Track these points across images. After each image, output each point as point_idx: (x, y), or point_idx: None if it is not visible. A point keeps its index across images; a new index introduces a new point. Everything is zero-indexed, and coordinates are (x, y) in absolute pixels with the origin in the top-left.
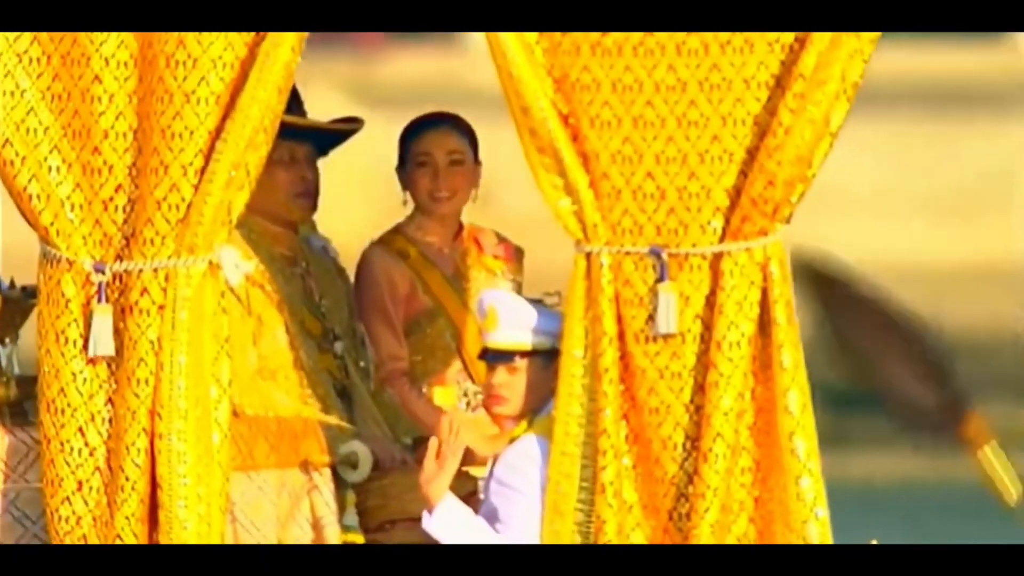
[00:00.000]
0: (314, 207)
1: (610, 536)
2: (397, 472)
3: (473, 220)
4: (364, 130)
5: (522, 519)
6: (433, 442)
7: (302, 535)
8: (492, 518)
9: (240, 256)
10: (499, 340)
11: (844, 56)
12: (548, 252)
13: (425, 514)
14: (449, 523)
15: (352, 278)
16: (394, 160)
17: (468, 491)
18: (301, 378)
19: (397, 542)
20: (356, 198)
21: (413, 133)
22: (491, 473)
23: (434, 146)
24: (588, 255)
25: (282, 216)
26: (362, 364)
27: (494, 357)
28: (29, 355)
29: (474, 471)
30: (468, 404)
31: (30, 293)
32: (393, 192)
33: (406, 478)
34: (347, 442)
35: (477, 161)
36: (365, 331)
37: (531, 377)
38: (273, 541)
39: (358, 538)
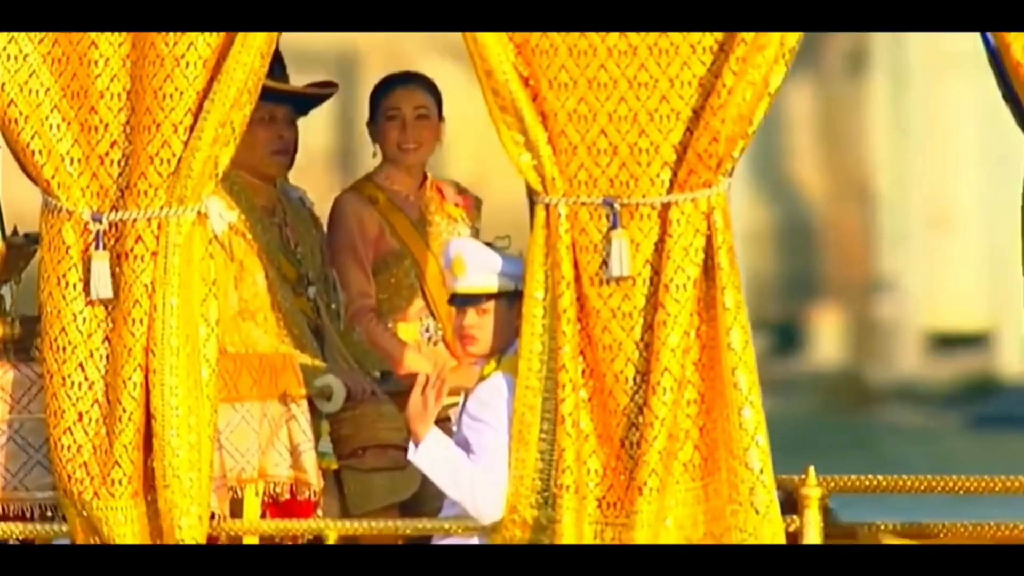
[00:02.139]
0: (290, 163)
1: (568, 462)
2: (367, 403)
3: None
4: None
5: (492, 449)
6: (420, 379)
7: (281, 461)
8: (465, 449)
9: (224, 207)
10: (467, 285)
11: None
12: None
13: (411, 446)
14: (433, 456)
15: (325, 224)
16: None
17: (438, 419)
18: (278, 319)
19: (368, 467)
20: None
21: (383, 90)
22: (463, 408)
23: (402, 101)
24: (547, 206)
25: (261, 171)
26: (333, 306)
27: (463, 301)
28: (29, 296)
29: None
30: (430, 339)
31: (32, 239)
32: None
33: (375, 408)
34: (321, 376)
35: (441, 117)
36: (336, 271)
37: (498, 317)
38: (255, 466)
39: (332, 463)
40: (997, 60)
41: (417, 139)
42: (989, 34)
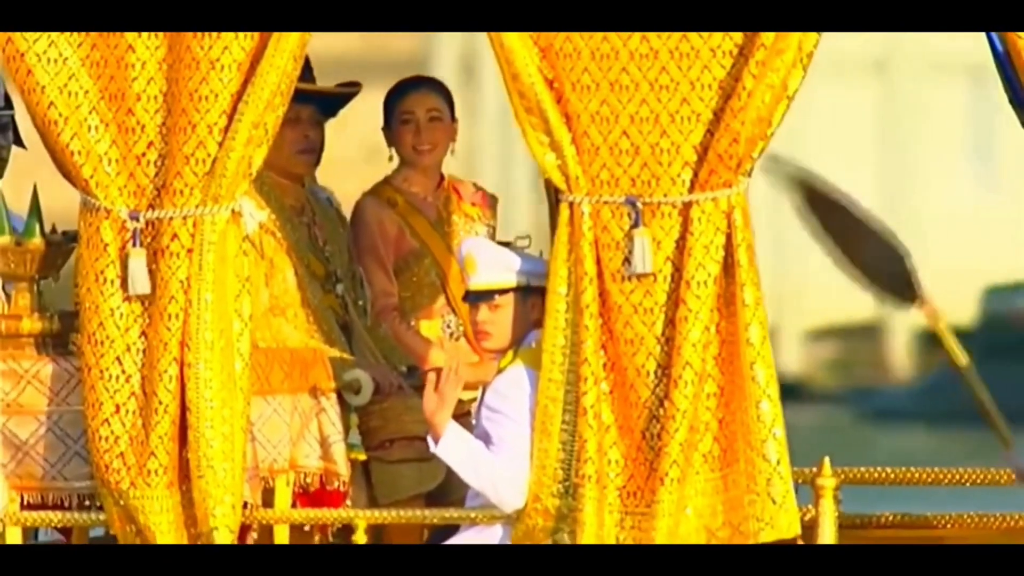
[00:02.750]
0: (316, 163)
1: (590, 453)
2: (395, 396)
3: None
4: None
5: (512, 440)
6: (431, 376)
7: (311, 452)
8: (485, 441)
9: (254, 206)
10: (478, 282)
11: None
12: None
13: (431, 441)
14: (453, 449)
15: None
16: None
17: (459, 413)
18: (308, 315)
19: (395, 458)
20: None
21: (396, 95)
22: (482, 400)
23: (416, 105)
24: (571, 204)
25: (287, 170)
26: (360, 303)
27: (476, 298)
28: (65, 293)
29: (463, 395)
30: (452, 335)
31: (70, 238)
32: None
33: (402, 402)
34: (350, 370)
35: (453, 119)
36: (362, 272)
37: (510, 313)
38: (287, 457)
39: (360, 455)
40: (1005, 65)
41: (431, 141)
42: (997, 39)
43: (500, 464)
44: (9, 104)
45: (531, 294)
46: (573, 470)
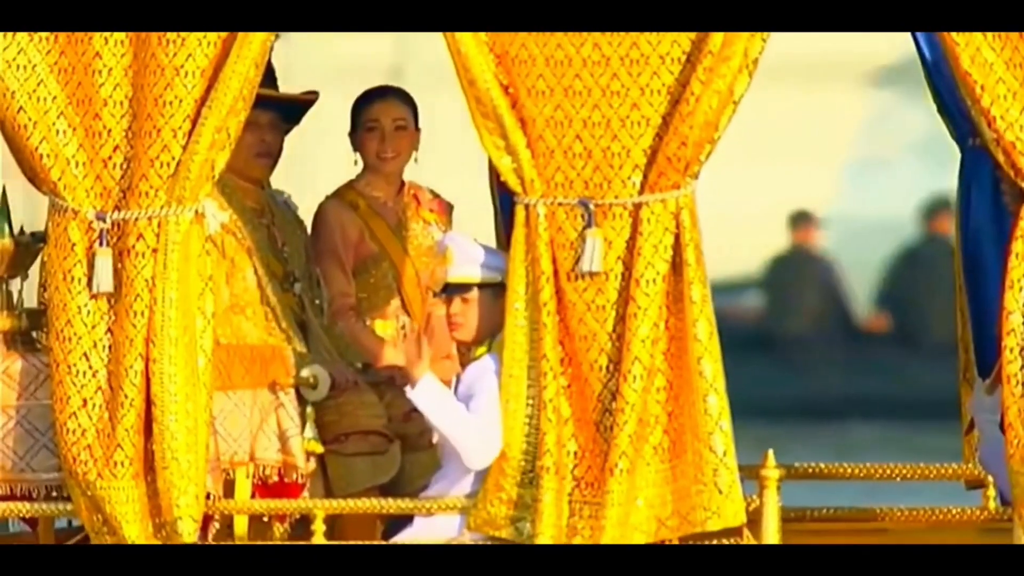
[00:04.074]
0: (273, 166)
1: (549, 445)
2: (350, 392)
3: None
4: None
5: (486, 410)
6: (397, 351)
7: (270, 445)
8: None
9: (216, 208)
10: (453, 275)
11: (746, 36)
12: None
13: (408, 388)
14: (430, 394)
15: (310, 227)
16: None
17: None
18: (267, 313)
19: (351, 451)
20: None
21: (363, 103)
22: (454, 392)
23: (382, 114)
24: (527, 206)
25: (245, 172)
26: (317, 302)
27: (451, 290)
28: (30, 291)
29: None
30: (405, 335)
31: (38, 238)
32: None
33: (358, 397)
34: (308, 366)
35: (417, 128)
36: (320, 272)
37: (482, 306)
38: (247, 450)
39: (317, 447)
40: (934, 74)
41: (395, 148)
42: (927, 48)
43: (473, 420)
44: None
45: (503, 290)
46: (535, 461)
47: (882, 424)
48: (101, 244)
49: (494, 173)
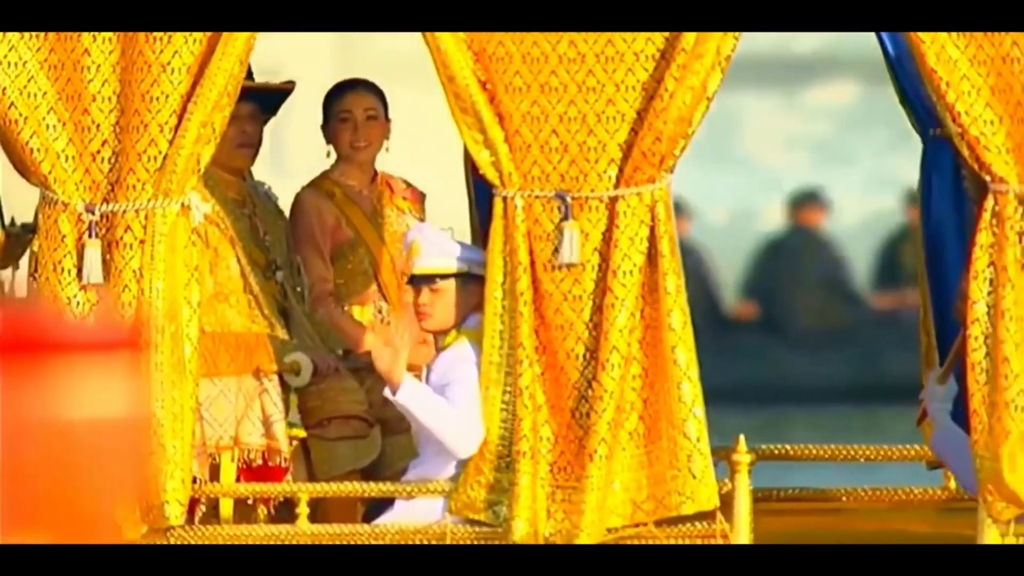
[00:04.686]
0: (254, 156)
1: (525, 431)
2: (332, 378)
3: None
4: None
5: (464, 400)
6: (376, 336)
7: (254, 430)
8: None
9: (200, 199)
10: (421, 266)
11: (719, 34)
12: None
13: (388, 392)
14: (412, 395)
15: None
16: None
17: None
18: (250, 301)
19: (333, 436)
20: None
21: (335, 95)
22: (427, 381)
23: (353, 105)
24: (505, 199)
25: (226, 163)
26: (298, 289)
27: (418, 281)
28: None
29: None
30: (382, 319)
31: (29, 229)
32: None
33: (339, 383)
34: (290, 353)
35: (387, 118)
36: (299, 259)
37: (449, 296)
38: (232, 435)
39: (300, 432)
40: (897, 65)
41: (367, 138)
42: (889, 43)
43: (455, 413)
44: None
45: (471, 280)
46: (511, 446)
47: (746, 410)
48: (90, 236)
49: (470, 165)
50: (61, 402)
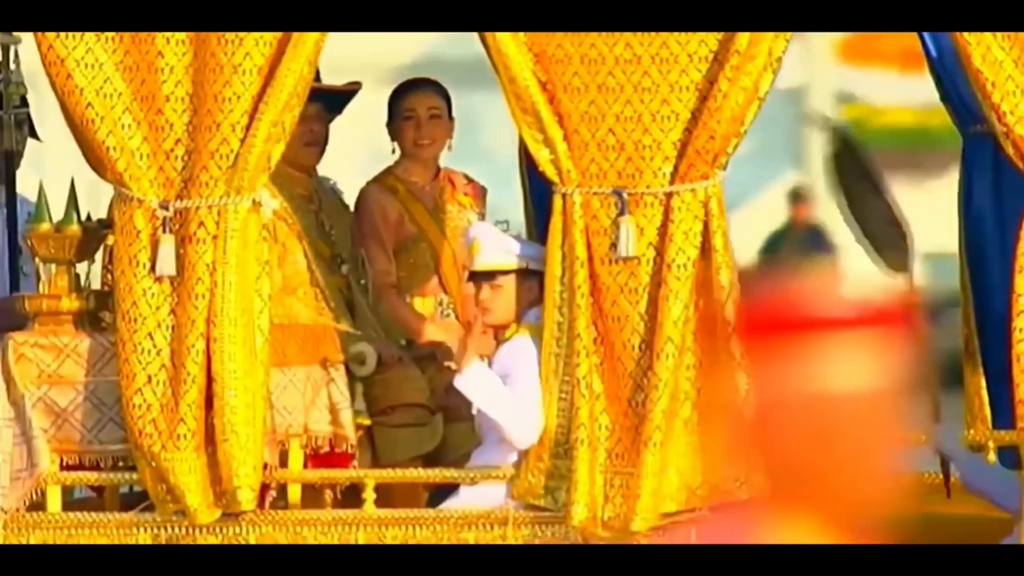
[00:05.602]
0: (321, 154)
1: (583, 419)
2: (396, 367)
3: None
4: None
5: (524, 391)
6: (437, 327)
7: (322, 418)
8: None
9: (267, 195)
10: (482, 263)
11: (771, 36)
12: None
13: (456, 377)
14: (476, 379)
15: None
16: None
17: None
18: (316, 293)
19: (396, 423)
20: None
21: (400, 94)
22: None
23: (417, 103)
24: (563, 195)
25: (295, 161)
26: (363, 282)
27: (479, 278)
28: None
29: None
30: (443, 311)
31: (104, 224)
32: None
33: (403, 372)
34: (356, 344)
35: (451, 117)
36: (363, 253)
37: (509, 292)
38: (301, 423)
39: (365, 420)
40: (937, 66)
41: (431, 136)
42: (931, 43)
43: (515, 403)
44: (25, 103)
45: (530, 276)
46: (569, 434)
47: None
48: (164, 231)
49: (525, 163)
50: (825, 377)
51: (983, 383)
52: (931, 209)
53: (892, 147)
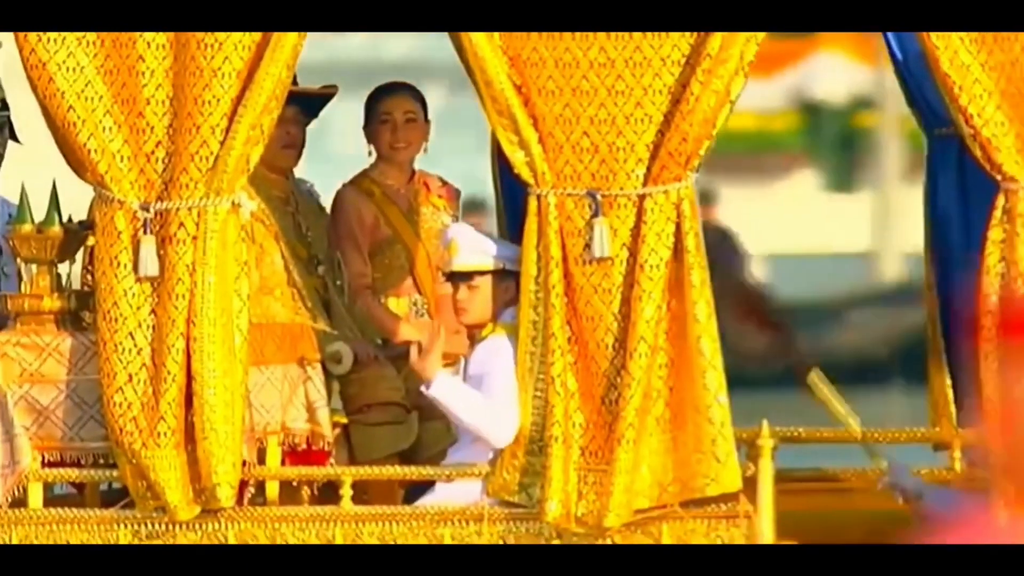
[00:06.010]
0: (298, 157)
1: (557, 417)
2: (371, 366)
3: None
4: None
5: (499, 390)
6: (411, 327)
7: (299, 416)
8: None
9: (245, 197)
10: (459, 263)
11: (742, 40)
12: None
13: (424, 388)
14: (446, 389)
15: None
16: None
17: None
18: (293, 294)
19: (372, 421)
20: None
21: (377, 98)
22: (464, 371)
23: (394, 107)
24: (538, 197)
25: (272, 163)
26: (339, 283)
27: (456, 278)
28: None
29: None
30: (417, 312)
31: (85, 226)
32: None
33: (378, 371)
34: (332, 343)
35: (426, 120)
36: (339, 255)
37: (486, 293)
38: (278, 420)
39: (342, 418)
40: (903, 70)
41: (406, 139)
42: (896, 46)
43: (490, 404)
44: (5, 106)
45: (507, 276)
46: (544, 431)
47: None
48: (145, 232)
49: (498, 165)
50: None
51: (948, 382)
52: (773, 211)
53: (734, 151)
